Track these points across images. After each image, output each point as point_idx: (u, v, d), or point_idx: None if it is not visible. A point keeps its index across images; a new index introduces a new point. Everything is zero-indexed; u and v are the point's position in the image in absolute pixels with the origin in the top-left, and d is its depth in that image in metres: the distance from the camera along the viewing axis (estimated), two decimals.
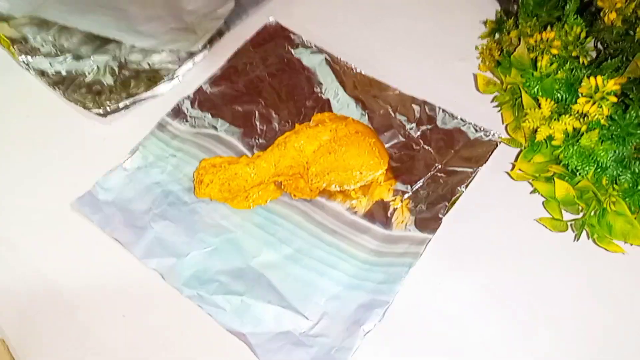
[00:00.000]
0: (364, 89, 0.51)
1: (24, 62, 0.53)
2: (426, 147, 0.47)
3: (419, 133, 0.48)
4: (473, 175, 0.45)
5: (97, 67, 0.53)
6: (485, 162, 0.46)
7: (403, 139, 0.48)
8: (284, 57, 0.53)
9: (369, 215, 0.44)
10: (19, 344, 0.40)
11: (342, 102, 0.50)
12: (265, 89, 0.51)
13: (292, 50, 0.54)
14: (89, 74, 0.52)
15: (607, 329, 0.40)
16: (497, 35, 0.53)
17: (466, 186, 0.44)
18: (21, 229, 0.45)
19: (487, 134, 0.47)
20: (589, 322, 0.40)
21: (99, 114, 0.50)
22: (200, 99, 0.51)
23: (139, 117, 0.51)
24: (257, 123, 0.49)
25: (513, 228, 0.44)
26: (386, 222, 0.44)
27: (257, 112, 0.50)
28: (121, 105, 0.51)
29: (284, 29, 0.55)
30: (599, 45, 0.50)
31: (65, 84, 0.51)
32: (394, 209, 0.44)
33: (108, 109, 0.50)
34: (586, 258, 0.42)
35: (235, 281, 0.41)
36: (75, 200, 0.45)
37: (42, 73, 0.52)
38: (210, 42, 0.55)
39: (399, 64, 0.53)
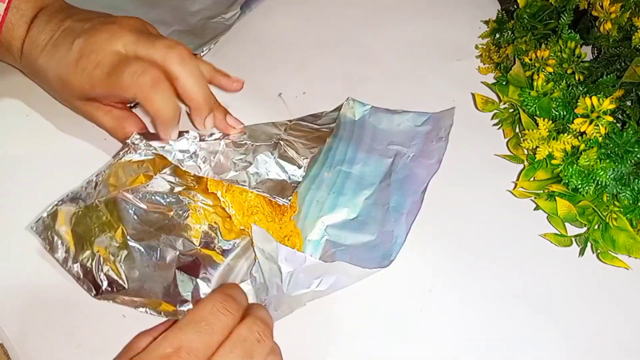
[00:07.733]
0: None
1: None
2: None
3: None
4: None
5: None
6: None
7: None
8: None
9: None
10: (19, 347, 0.39)
11: None
12: None
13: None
14: None
15: (617, 343, 0.40)
16: (497, 35, 0.53)
17: None
18: (21, 227, 0.43)
19: None
20: (597, 335, 0.41)
21: None
22: None
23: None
24: None
25: (518, 243, 0.44)
26: None
27: None
28: None
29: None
30: (595, 52, 0.51)
31: None
32: None
33: None
34: (591, 271, 0.43)
35: None
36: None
37: None
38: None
39: (397, 64, 0.53)
